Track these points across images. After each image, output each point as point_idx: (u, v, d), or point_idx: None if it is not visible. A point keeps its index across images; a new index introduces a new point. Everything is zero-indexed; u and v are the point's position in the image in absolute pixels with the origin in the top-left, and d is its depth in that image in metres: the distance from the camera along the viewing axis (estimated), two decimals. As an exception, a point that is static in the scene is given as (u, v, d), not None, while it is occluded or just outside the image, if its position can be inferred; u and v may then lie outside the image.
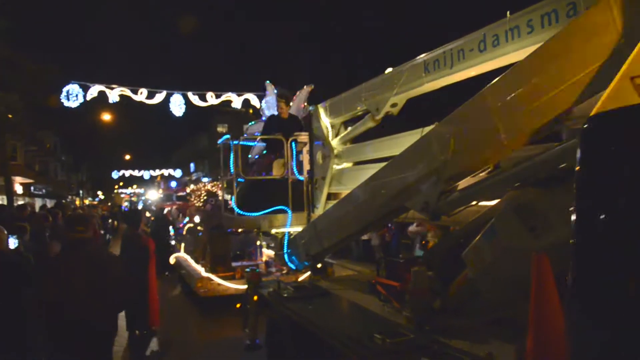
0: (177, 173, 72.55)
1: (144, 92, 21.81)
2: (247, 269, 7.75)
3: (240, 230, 11.23)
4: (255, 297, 7.15)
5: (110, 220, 34.31)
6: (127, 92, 21.62)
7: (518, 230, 3.96)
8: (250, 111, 24.50)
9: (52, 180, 57.47)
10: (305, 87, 10.51)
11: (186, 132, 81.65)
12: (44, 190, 52.60)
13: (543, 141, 4.34)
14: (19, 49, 28.38)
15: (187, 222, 19.01)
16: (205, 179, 59.47)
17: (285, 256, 8.41)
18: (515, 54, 4.47)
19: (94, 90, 21.02)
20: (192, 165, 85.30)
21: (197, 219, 18.50)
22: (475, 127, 4.21)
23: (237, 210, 8.49)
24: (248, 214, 8.46)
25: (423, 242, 7.40)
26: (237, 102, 23.39)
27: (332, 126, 7.90)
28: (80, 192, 67.68)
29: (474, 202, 4.63)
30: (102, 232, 23.66)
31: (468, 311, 4.80)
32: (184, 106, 22.52)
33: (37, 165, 52.91)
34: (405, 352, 4.13)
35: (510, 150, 4.09)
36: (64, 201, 46.79)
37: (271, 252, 14.77)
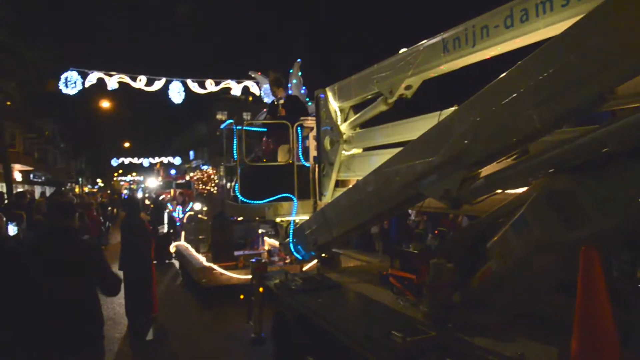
0: (177, 161, 72.23)
1: (142, 79, 21.70)
2: (252, 259, 7.42)
3: (241, 218, 10.91)
4: (261, 289, 6.84)
5: (109, 208, 34.19)
6: (126, 79, 21.48)
7: (551, 220, 3.65)
8: (250, 98, 24.52)
9: (51, 167, 57.35)
10: (295, 65, 10.25)
11: (185, 119, 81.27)
12: (43, 178, 52.52)
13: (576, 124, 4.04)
14: (18, 36, 28.08)
15: (190, 210, 18.68)
16: (204, 167, 59.18)
17: (291, 246, 8.10)
18: (546, 30, 4.11)
19: (93, 77, 20.91)
20: (191, 152, 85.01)
21: (197, 206, 18.21)
22: (504, 108, 3.85)
23: (240, 197, 8.16)
24: (252, 201, 8.13)
25: (436, 231, 7.07)
26: (236, 89, 23.22)
27: (341, 110, 7.56)
28: (80, 179, 67.33)
29: (499, 190, 4.31)
30: (101, 219, 23.41)
31: (491, 306, 4.49)
32: (183, 93, 22.37)
33: (36, 153, 52.83)
34: (428, 351, 3.81)
35: (543, 134, 3.75)
36: (63, 189, 46.69)
37: (273, 241, 14.57)
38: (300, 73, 10.32)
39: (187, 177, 48.25)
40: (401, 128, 6.28)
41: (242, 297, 8.29)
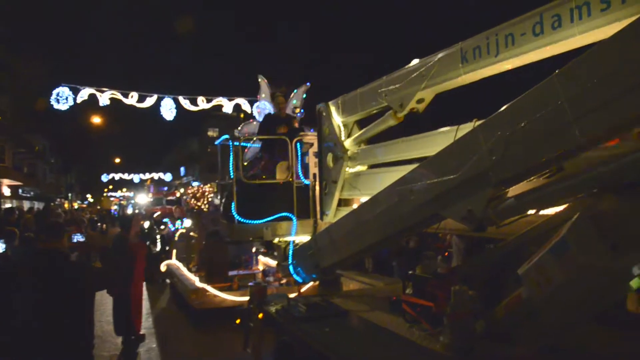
0: (167, 177, 71.81)
1: (134, 95, 21.58)
2: (250, 283, 6.98)
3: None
4: (261, 315, 6.38)
5: (99, 224, 33.67)
6: (118, 95, 21.35)
7: (596, 245, 3.26)
8: (242, 115, 24.48)
9: (41, 182, 56.64)
10: (302, 86, 9.82)
11: (177, 136, 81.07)
12: (32, 193, 51.81)
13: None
14: (10, 51, 27.88)
15: (182, 227, 18.16)
16: (195, 183, 58.76)
17: (290, 267, 7.68)
18: (582, 37, 3.76)
19: (84, 93, 20.82)
20: (182, 169, 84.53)
21: (187, 222, 17.71)
22: (539, 121, 3.47)
23: (237, 217, 7.72)
24: (249, 221, 7.71)
25: (446, 253, 6.68)
26: (228, 106, 23.23)
27: (345, 125, 7.18)
28: (69, 194, 66.40)
29: (532, 211, 3.93)
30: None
31: (519, 337, 4.10)
32: (175, 110, 22.22)
33: (26, 168, 52.18)
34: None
35: (584, 149, 3.37)
36: (52, 204, 46.06)
37: (268, 260, 14.12)
38: (304, 96, 9.93)
39: (178, 194, 47.76)
40: (413, 144, 5.89)
41: (238, 321, 7.83)
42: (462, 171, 4.16)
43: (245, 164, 8.82)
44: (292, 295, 10.02)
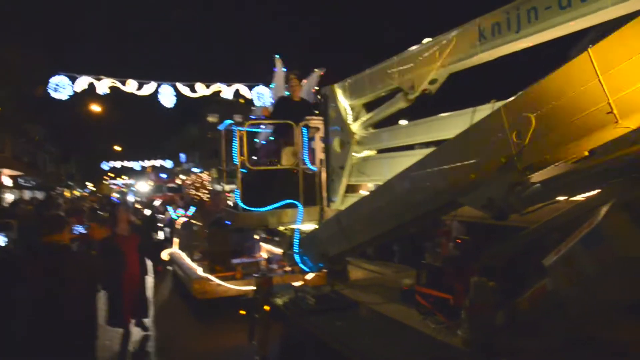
0: (168, 164, 71.61)
1: (133, 83, 21.36)
2: (256, 274, 6.74)
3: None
4: (267, 307, 6.14)
5: (100, 212, 33.32)
6: (116, 83, 21.17)
7: (634, 235, 3.00)
8: (242, 101, 24.27)
9: (41, 172, 56.44)
10: (315, 70, 9.46)
11: (176, 122, 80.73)
12: (32, 183, 51.63)
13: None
14: (7, 41, 27.67)
15: (183, 215, 17.93)
16: (196, 169, 58.57)
17: (297, 256, 7.44)
18: (615, 8, 3.48)
19: (83, 82, 20.67)
20: (182, 155, 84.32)
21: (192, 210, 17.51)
22: (571, 101, 3.20)
23: (241, 205, 7.48)
24: (254, 209, 7.46)
25: (458, 240, 6.40)
26: (227, 92, 22.92)
27: (352, 108, 6.91)
28: (70, 183, 66.21)
29: (562, 198, 3.67)
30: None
31: (545, 330, 3.86)
32: (174, 97, 22.05)
33: (26, 157, 51.99)
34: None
35: (624, 130, 3.10)
36: (53, 193, 45.83)
37: (271, 247, 13.89)
38: (316, 85, 9.62)
39: (179, 181, 47.54)
40: (426, 127, 5.63)
41: (242, 312, 7.60)
42: (482, 156, 3.90)
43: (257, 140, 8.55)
44: (296, 284, 9.84)
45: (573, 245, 3.32)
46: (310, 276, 8.87)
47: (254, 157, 9.09)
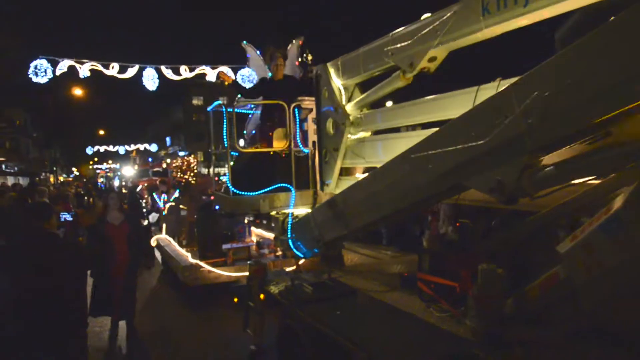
0: (153, 147, 70.87)
1: (115, 66, 21.02)
2: (250, 261, 6.53)
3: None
4: (262, 296, 5.94)
5: (86, 198, 32.95)
6: (98, 66, 20.80)
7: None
8: (226, 83, 23.92)
9: (24, 157, 55.74)
10: (293, 41, 9.04)
11: (161, 105, 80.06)
12: (15, 168, 51.02)
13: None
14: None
15: (167, 200, 17.62)
16: (181, 153, 58.11)
17: (290, 242, 7.23)
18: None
19: (64, 65, 20.17)
20: (168, 139, 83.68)
21: (176, 193, 17.22)
22: (591, 75, 2.98)
23: (232, 189, 7.23)
24: (246, 193, 7.22)
25: (457, 224, 6.23)
26: (211, 75, 22.73)
27: (345, 88, 6.67)
28: (54, 168, 65.39)
29: (578, 181, 3.48)
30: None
31: (555, 319, 3.69)
32: (157, 80, 21.80)
33: (8, 143, 51.35)
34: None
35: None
36: (37, 179, 45.26)
37: (261, 231, 13.68)
38: (299, 55, 9.19)
39: (164, 165, 47.09)
40: (425, 107, 5.38)
41: (236, 300, 7.41)
42: (490, 137, 3.68)
43: (245, 132, 8.15)
44: (289, 269, 9.63)
45: (592, 231, 3.14)
46: (302, 261, 8.68)
47: (242, 140, 8.80)
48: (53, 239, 5.24)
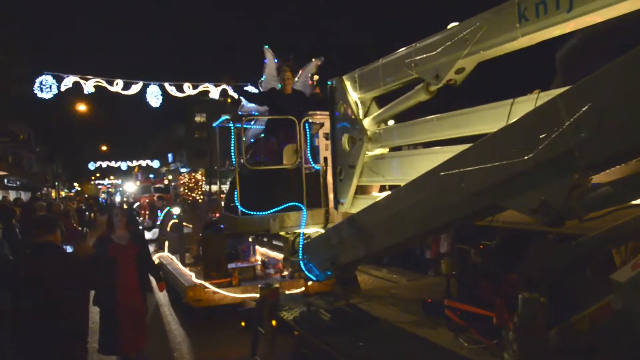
0: (155, 164, 70.91)
1: (119, 83, 21.32)
2: (260, 285, 6.14)
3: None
4: (274, 322, 5.56)
5: (87, 213, 32.77)
6: (103, 83, 21.08)
7: None
8: (229, 100, 24.24)
9: (27, 172, 55.63)
10: (312, 60, 8.77)
11: (163, 122, 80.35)
12: (18, 183, 50.87)
13: None
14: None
15: (166, 215, 17.33)
16: (183, 170, 58.01)
17: (301, 263, 6.87)
18: None
19: (69, 81, 20.64)
20: (170, 155, 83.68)
21: (175, 210, 16.92)
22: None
23: (241, 208, 6.88)
24: (255, 213, 6.87)
25: (481, 246, 5.86)
26: (214, 92, 23.11)
27: (362, 102, 6.35)
28: (56, 183, 65.19)
29: (637, 202, 3.13)
30: (78, 228, 21.94)
31: (605, 354, 3.33)
32: (161, 97, 22.01)
33: (10, 157, 51.25)
34: None
35: None
36: (38, 193, 45.11)
37: (266, 250, 13.35)
38: (313, 76, 8.89)
39: (166, 181, 46.99)
40: (451, 122, 5.03)
41: (243, 324, 7.03)
42: (534, 153, 3.33)
43: (244, 138, 7.73)
44: (296, 291, 9.25)
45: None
46: (310, 282, 8.30)
47: (251, 156, 8.42)
48: (58, 251, 5.37)
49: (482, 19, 4.37)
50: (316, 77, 8.01)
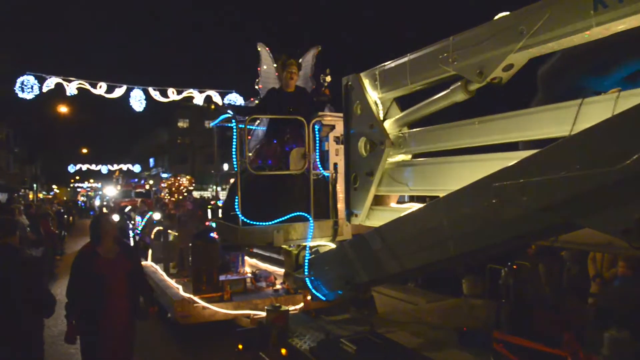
0: (136, 168, 70.13)
1: (103, 85, 20.92)
2: (267, 307, 5.46)
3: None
4: (284, 351, 4.86)
5: (65, 216, 31.98)
6: (86, 85, 20.66)
7: None
8: (212, 107, 24.14)
9: (4, 172, 54.50)
10: (311, 49, 8.06)
11: (146, 126, 79.79)
12: (-6, 183, 49.76)
13: None
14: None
15: (148, 220, 16.58)
16: (164, 175, 57.31)
17: (307, 280, 6.20)
18: None
19: (51, 82, 20.10)
20: (151, 160, 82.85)
21: (156, 216, 16.17)
22: None
23: (242, 217, 6.18)
24: (257, 223, 6.18)
25: (514, 266, 5.23)
26: (198, 98, 23.05)
27: (382, 103, 5.71)
28: (34, 185, 63.84)
29: None
30: (56, 231, 21.07)
31: None
32: (145, 101, 21.76)
33: (-12, 157, 50.28)
34: None
35: None
36: (15, 195, 44.14)
37: (255, 261, 12.71)
38: (313, 67, 8.19)
39: (148, 186, 46.33)
40: (497, 125, 4.37)
41: (240, 347, 6.32)
42: (629, 161, 2.71)
43: (250, 154, 6.98)
44: (293, 308, 8.53)
45: None
46: (309, 297, 7.59)
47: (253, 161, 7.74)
48: (16, 253, 5.55)
49: (544, 6, 3.74)
50: (328, 78, 7.31)
